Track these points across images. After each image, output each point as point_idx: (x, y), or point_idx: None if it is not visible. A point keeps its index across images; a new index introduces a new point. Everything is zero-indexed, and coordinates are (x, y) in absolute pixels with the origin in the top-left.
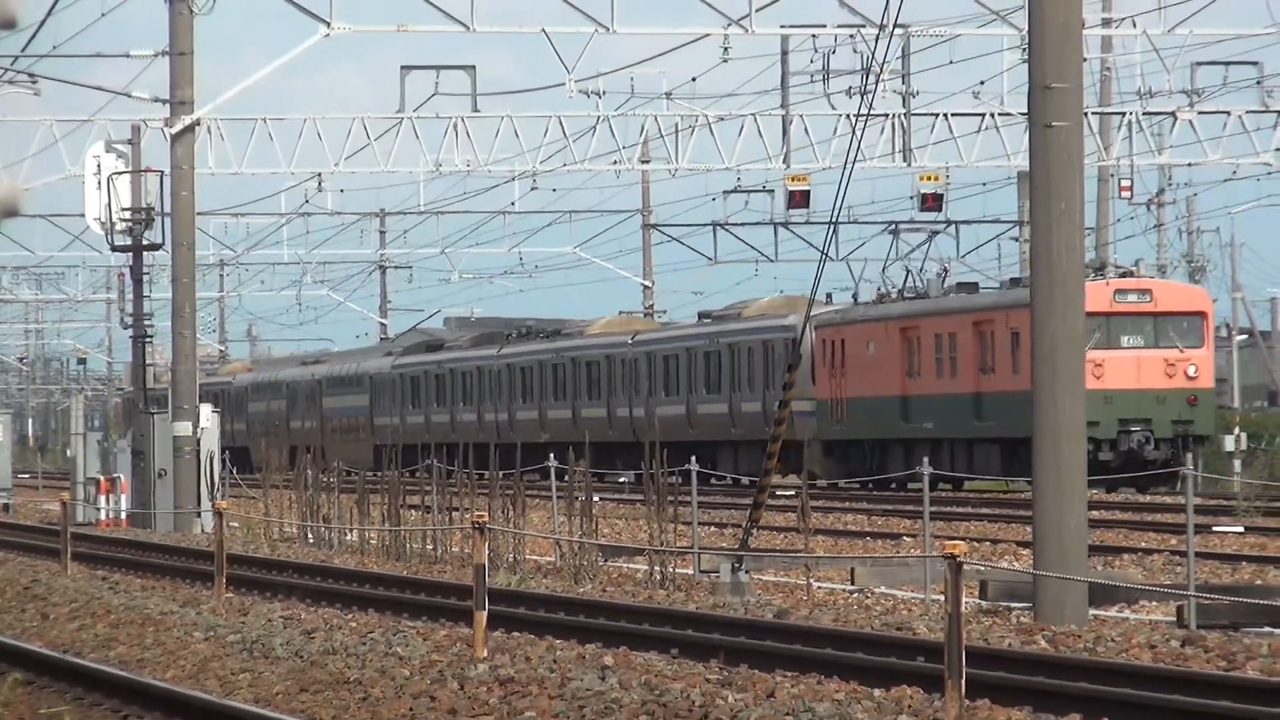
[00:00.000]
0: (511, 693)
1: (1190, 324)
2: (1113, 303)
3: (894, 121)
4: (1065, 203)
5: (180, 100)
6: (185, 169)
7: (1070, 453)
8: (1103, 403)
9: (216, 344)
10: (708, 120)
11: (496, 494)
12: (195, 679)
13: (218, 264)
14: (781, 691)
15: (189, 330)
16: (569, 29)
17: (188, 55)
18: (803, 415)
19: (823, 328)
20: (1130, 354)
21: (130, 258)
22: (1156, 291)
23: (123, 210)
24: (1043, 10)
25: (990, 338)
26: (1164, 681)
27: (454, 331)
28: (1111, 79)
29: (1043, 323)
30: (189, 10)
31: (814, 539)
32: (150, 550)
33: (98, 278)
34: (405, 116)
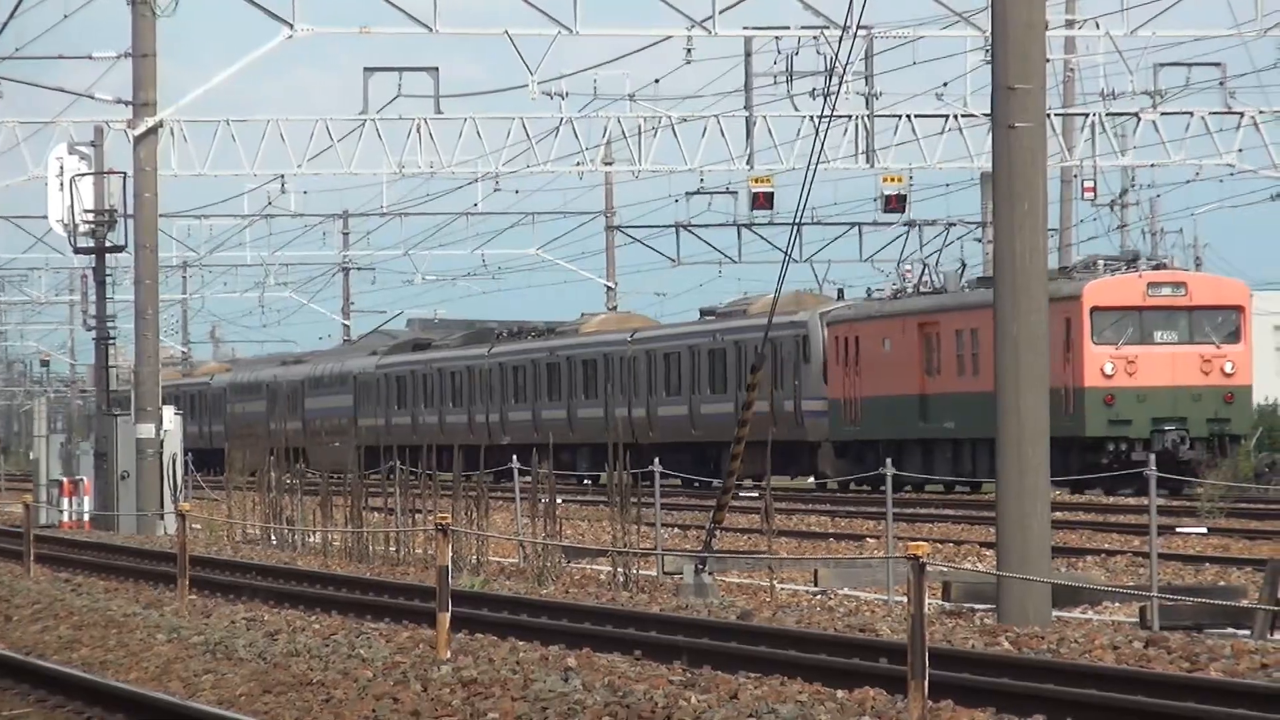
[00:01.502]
0: (474, 694)
1: (1226, 318)
2: (1145, 296)
3: (857, 123)
4: (1028, 203)
5: (143, 102)
6: (148, 171)
7: (1033, 454)
8: (1136, 401)
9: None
10: (671, 122)
11: (460, 495)
12: (158, 681)
13: (181, 266)
14: (745, 693)
15: (152, 332)
16: (532, 31)
17: (150, 57)
18: (815, 416)
19: (835, 325)
20: (1164, 350)
21: (93, 260)
22: (1191, 284)
23: (85, 212)
24: (1005, 11)
25: None
26: (1127, 683)
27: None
28: (1074, 80)
29: (1005, 324)
30: (151, 12)
31: (777, 540)
32: (113, 552)
33: (61, 280)
34: (368, 118)
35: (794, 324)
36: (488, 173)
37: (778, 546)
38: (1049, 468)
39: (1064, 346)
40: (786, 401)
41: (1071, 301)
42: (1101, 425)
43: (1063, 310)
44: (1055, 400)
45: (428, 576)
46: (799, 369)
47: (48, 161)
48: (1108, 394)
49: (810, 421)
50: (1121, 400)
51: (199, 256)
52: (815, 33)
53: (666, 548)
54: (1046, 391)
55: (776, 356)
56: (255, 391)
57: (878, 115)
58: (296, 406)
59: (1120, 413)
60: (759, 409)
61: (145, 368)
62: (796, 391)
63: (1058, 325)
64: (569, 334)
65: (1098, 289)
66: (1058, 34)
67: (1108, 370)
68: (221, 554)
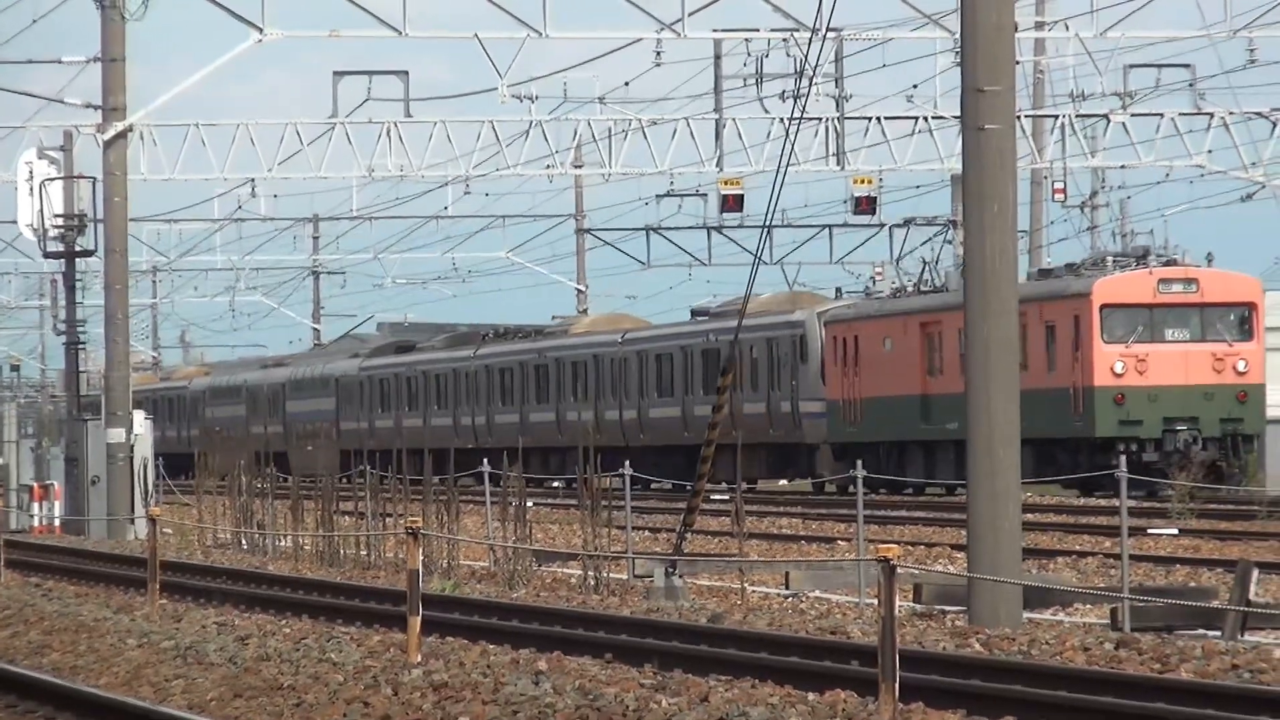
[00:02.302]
0: (445, 698)
1: (1239, 315)
2: (1156, 293)
3: (827, 125)
4: (998, 205)
5: (113, 106)
6: (118, 175)
7: (1004, 456)
8: (1147, 401)
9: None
10: (641, 124)
11: (430, 499)
12: (129, 685)
13: (151, 270)
14: (715, 696)
15: (122, 337)
16: (501, 34)
17: (120, 61)
18: (813, 417)
19: (833, 324)
20: (1176, 348)
21: (63, 264)
22: (1203, 281)
23: (55, 217)
24: (975, 13)
25: (1023, 331)
26: (1098, 684)
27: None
28: (1044, 82)
29: (976, 325)
30: (121, 16)
31: (748, 543)
32: (84, 557)
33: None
34: (338, 122)
35: (791, 323)
36: (457, 176)
37: (748, 549)
38: (1020, 470)
39: (1073, 345)
40: (783, 403)
41: (1080, 299)
42: (1112, 425)
43: (1071, 308)
44: (1064, 400)
45: (399, 580)
46: (796, 369)
47: (17, 166)
48: (1118, 393)
49: (808, 423)
50: (1132, 400)
51: (169, 261)
52: (785, 35)
53: (637, 551)
54: (1017, 393)
55: (773, 357)
56: (234, 395)
57: (848, 117)
58: (277, 410)
59: (1131, 413)
60: (754, 411)
61: (115, 372)
62: (794, 392)
63: (1066, 323)
64: (558, 335)
65: (1107, 286)
66: (1027, 36)
67: (1118, 369)
68: (192, 558)
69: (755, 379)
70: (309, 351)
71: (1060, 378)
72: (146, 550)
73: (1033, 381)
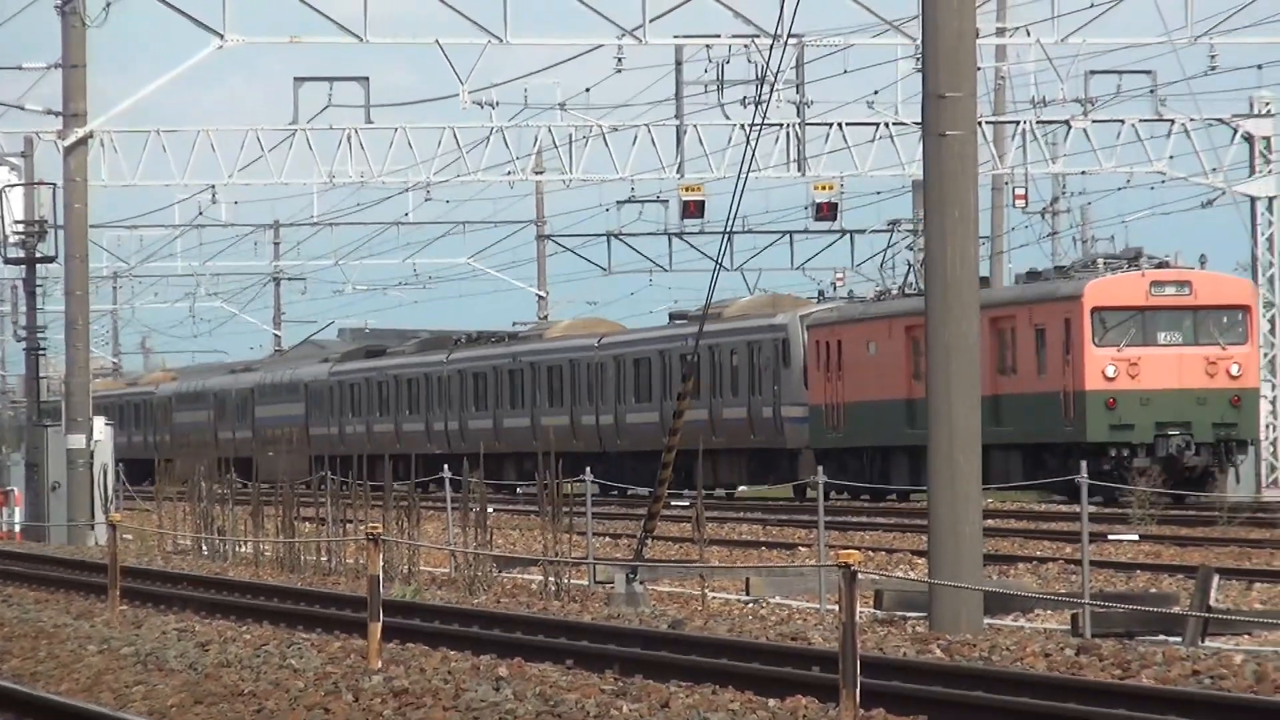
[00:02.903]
0: (406, 704)
1: (1232, 318)
2: (1149, 296)
3: (788, 131)
4: (959, 211)
5: (73, 113)
6: (78, 181)
7: (965, 462)
8: (1139, 404)
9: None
10: (602, 131)
11: (391, 505)
12: (89, 692)
13: (111, 276)
14: (676, 702)
15: (82, 343)
16: (462, 40)
17: (81, 68)
18: (795, 422)
19: (816, 328)
20: (1169, 351)
21: (23, 270)
22: (1196, 283)
23: (15, 223)
24: (936, 19)
25: (1011, 335)
26: (1059, 690)
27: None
28: (1005, 88)
29: (937, 330)
30: (82, 23)
31: (709, 549)
32: (44, 563)
33: None
34: (299, 128)
35: (773, 327)
36: (418, 182)
37: (709, 555)
38: (980, 475)
39: (1063, 349)
40: (765, 408)
41: (1071, 302)
42: (1103, 430)
43: (1062, 311)
44: (1055, 405)
45: (359, 586)
46: (778, 374)
47: None
48: (1109, 397)
49: (790, 428)
50: (1124, 404)
51: (130, 267)
52: (746, 41)
53: (598, 556)
54: (978, 398)
55: (754, 361)
56: (202, 400)
57: (809, 123)
58: (246, 415)
59: (1123, 417)
60: (735, 416)
61: (76, 378)
62: (776, 397)
63: (1056, 326)
64: (532, 339)
65: (1099, 288)
66: (988, 42)
67: (1109, 373)
68: (153, 564)
69: (736, 384)
70: (278, 356)
71: (1051, 381)
72: (107, 556)
73: (1022, 385)
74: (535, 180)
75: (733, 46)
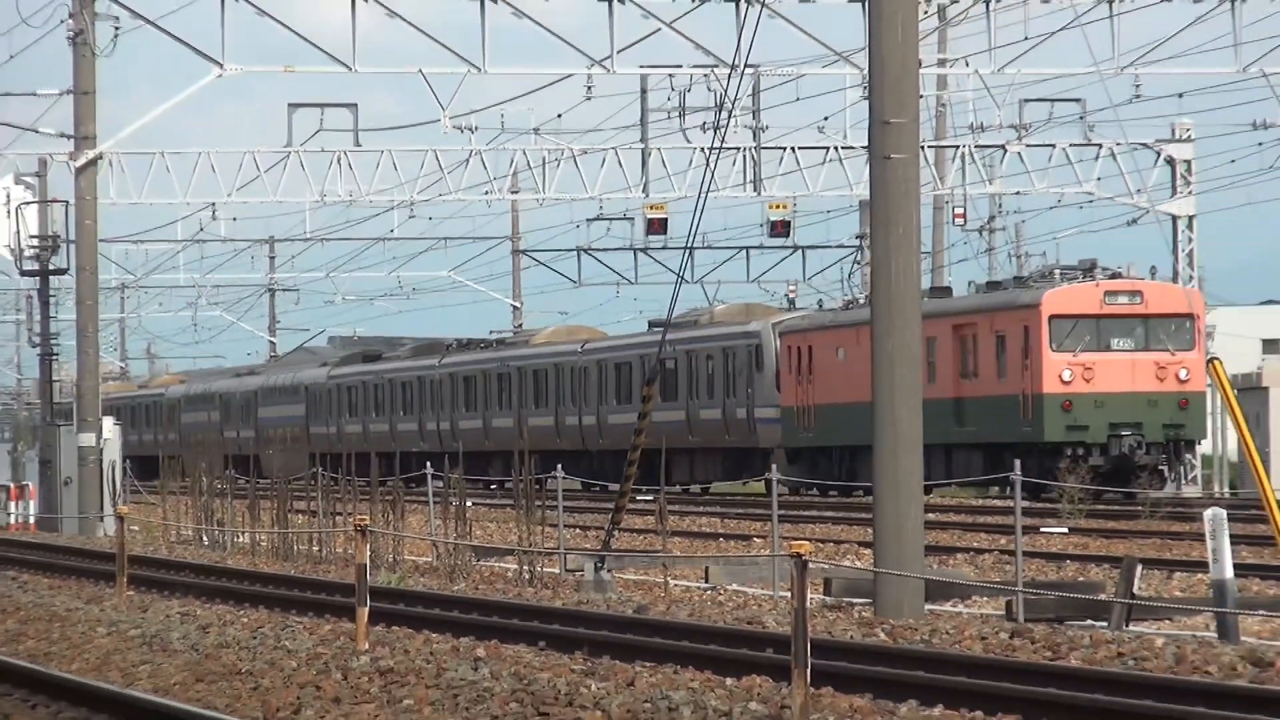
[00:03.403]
0: (391, 682)
1: (1180, 326)
2: (1103, 305)
3: (745, 154)
4: (903, 228)
5: (84, 136)
6: (88, 199)
7: (907, 461)
8: (1093, 406)
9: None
10: (572, 153)
11: (378, 499)
12: (98, 671)
13: (119, 287)
14: (641, 681)
15: (92, 349)
16: (444, 69)
17: (90, 94)
18: (767, 423)
19: (788, 334)
20: (1121, 357)
21: (38, 281)
22: (1147, 293)
23: (31, 238)
24: (882, 51)
25: (973, 341)
26: (994, 670)
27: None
28: (946, 114)
29: (881, 340)
30: (91, 52)
31: (671, 540)
32: (57, 552)
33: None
34: (292, 150)
35: (747, 334)
36: (403, 201)
37: (671, 546)
38: (922, 473)
39: (1022, 354)
40: (739, 409)
41: (1030, 310)
42: (1060, 431)
43: (1021, 318)
44: (1014, 407)
45: (348, 574)
46: (752, 378)
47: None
48: (1066, 400)
49: (763, 428)
50: (1079, 406)
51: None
52: (706, 71)
53: (568, 547)
54: (920, 403)
55: (729, 366)
56: (209, 402)
57: (764, 147)
58: (250, 416)
59: (1078, 418)
60: (710, 417)
61: (86, 381)
62: (749, 399)
63: (1016, 333)
64: (519, 345)
65: (1056, 297)
66: (930, 72)
67: (1066, 377)
68: (157, 554)
69: (712, 387)
70: (273, 361)
71: (1010, 385)
72: (115, 546)
73: (983, 389)
74: (511, 199)
75: (693, 76)
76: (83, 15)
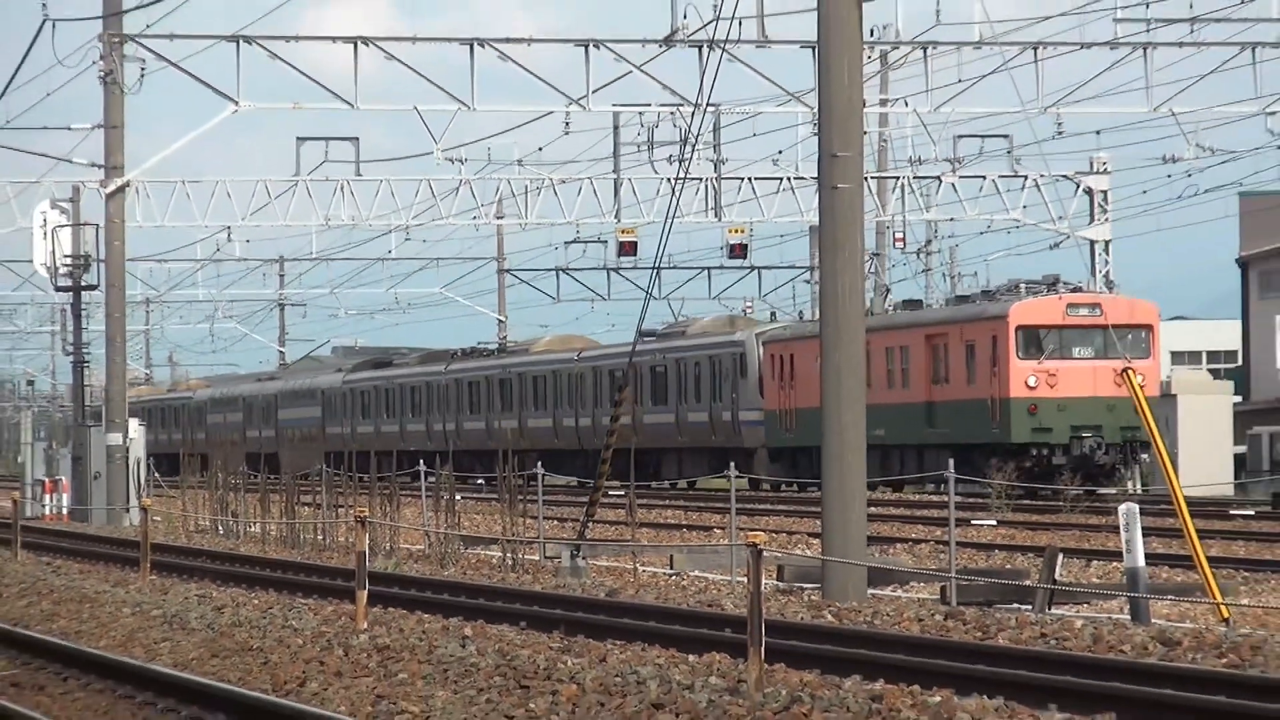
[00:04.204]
0: (388, 658)
1: (1137, 335)
2: (1065, 316)
3: (707, 184)
4: (848, 251)
5: (113, 166)
6: (117, 223)
7: (852, 461)
8: (1056, 410)
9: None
10: (552, 183)
11: (376, 493)
12: (124, 647)
13: (144, 302)
14: (612, 657)
15: (120, 357)
16: (437, 107)
17: (119, 128)
18: (751, 425)
19: (771, 344)
20: (1082, 364)
21: (71, 297)
22: (1106, 305)
23: (65, 257)
24: (830, 92)
25: (944, 350)
26: (930, 649)
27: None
28: (887, 149)
29: (830, 353)
30: (120, 90)
31: (639, 530)
32: (87, 540)
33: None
34: (300, 179)
35: (732, 343)
36: (399, 225)
37: (640, 535)
38: (865, 471)
39: (990, 362)
40: (725, 413)
41: (998, 321)
42: (1025, 432)
43: (989, 329)
44: (983, 410)
45: (349, 561)
46: (737, 384)
47: (33, 215)
48: (1031, 404)
49: (747, 430)
50: (1043, 410)
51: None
52: (672, 109)
53: (547, 536)
54: (864, 409)
55: (715, 373)
56: (233, 404)
57: (724, 177)
58: (270, 418)
59: (1042, 421)
60: (698, 420)
61: (114, 386)
62: (734, 404)
63: (985, 342)
64: (519, 353)
65: (1022, 309)
66: (873, 111)
67: (1031, 383)
68: (177, 542)
69: (699, 393)
70: (293, 367)
71: (979, 390)
72: (139, 535)
73: (953, 393)
74: (497, 224)
75: (661, 113)
76: (112, 57)
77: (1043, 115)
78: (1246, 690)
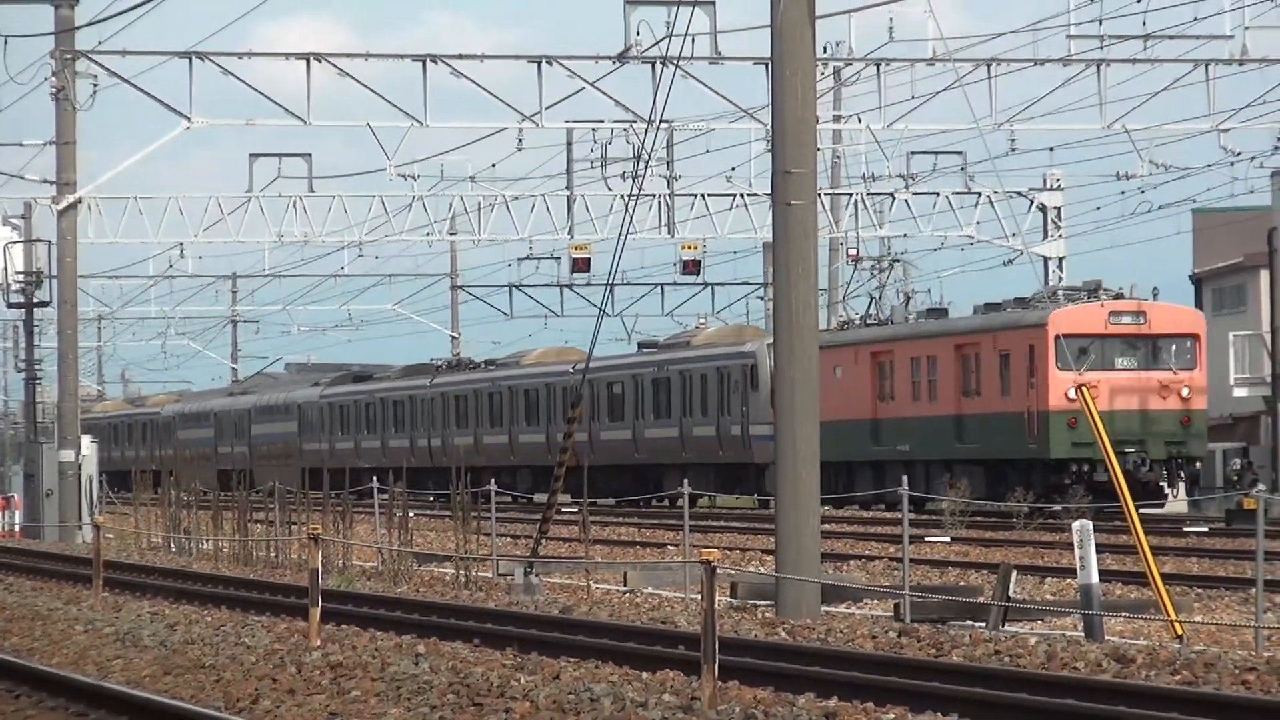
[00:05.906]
0: (340, 675)
1: (1182, 346)
2: (1107, 325)
3: (660, 200)
4: (802, 267)
5: (65, 182)
6: (69, 239)
7: (806, 475)
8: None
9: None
10: (505, 199)
11: (329, 510)
12: (76, 664)
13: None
14: (566, 675)
15: (72, 374)
16: (390, 123)
17: (71, 144)
18: (762, 440)
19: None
20: (1124, 375)
21: (23, 313)
22: (1150, 313)
23: (17, 274)
24: (783, 108)
25: (975, 361)
26: (883, 666)
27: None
28: (841, 165)
29: (784, 367)
30: (72, 107)
31: (593, 547)
32: (39, 557)
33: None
34: (253, 195)
35: (742, 354)
36: (352, 241)
37: (593, 552)
38: (819, 487)
39: (1027, 372)
40: (734, 427)
41: (1036, 329)
42: (1065, 447)
43: (1026, 338)
44: (1019, 424)
45: (302, 577)
46: (747, 396)
47: None
48: (1071, 417)
49: (758, 445)
50: (1084, 423)
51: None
52: (625, 125)
53: (501, 554)
54: (818, 423)
55: (724, 385)
56: (204, 420)
57: (677, 194)
58: (243, 433)
59: (1083, 435)
60: (704, 434)
61: (66, 403)
62: (744, 417)
63: (1021, 352)
64: (510, 366)
65: (1062, 317)
66: (827, 127)
67: (1071, 395)
68: (130, 559)
69: (705, 406)
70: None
71: (1014, 403)
72: (92, 551)
73: (985, 406)
74: (450, 240)
75: (614, 130)
76: (64, 73)
77: (996, 132)
78: (1199, 707)
